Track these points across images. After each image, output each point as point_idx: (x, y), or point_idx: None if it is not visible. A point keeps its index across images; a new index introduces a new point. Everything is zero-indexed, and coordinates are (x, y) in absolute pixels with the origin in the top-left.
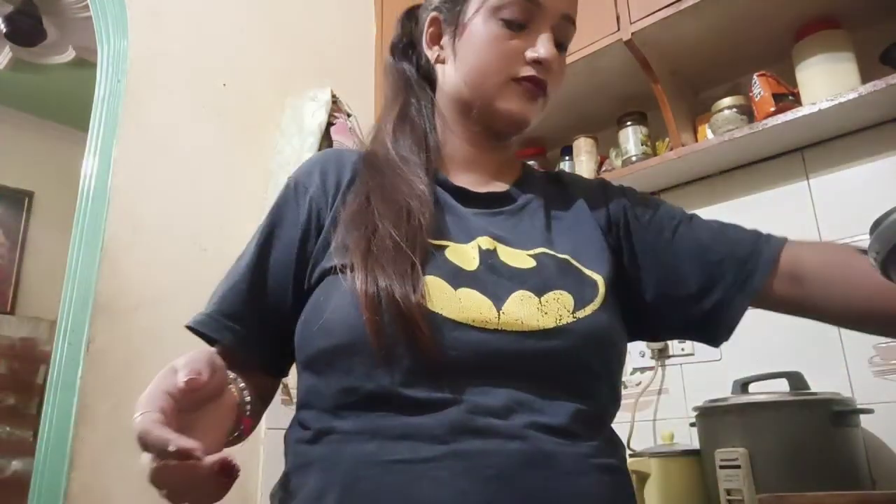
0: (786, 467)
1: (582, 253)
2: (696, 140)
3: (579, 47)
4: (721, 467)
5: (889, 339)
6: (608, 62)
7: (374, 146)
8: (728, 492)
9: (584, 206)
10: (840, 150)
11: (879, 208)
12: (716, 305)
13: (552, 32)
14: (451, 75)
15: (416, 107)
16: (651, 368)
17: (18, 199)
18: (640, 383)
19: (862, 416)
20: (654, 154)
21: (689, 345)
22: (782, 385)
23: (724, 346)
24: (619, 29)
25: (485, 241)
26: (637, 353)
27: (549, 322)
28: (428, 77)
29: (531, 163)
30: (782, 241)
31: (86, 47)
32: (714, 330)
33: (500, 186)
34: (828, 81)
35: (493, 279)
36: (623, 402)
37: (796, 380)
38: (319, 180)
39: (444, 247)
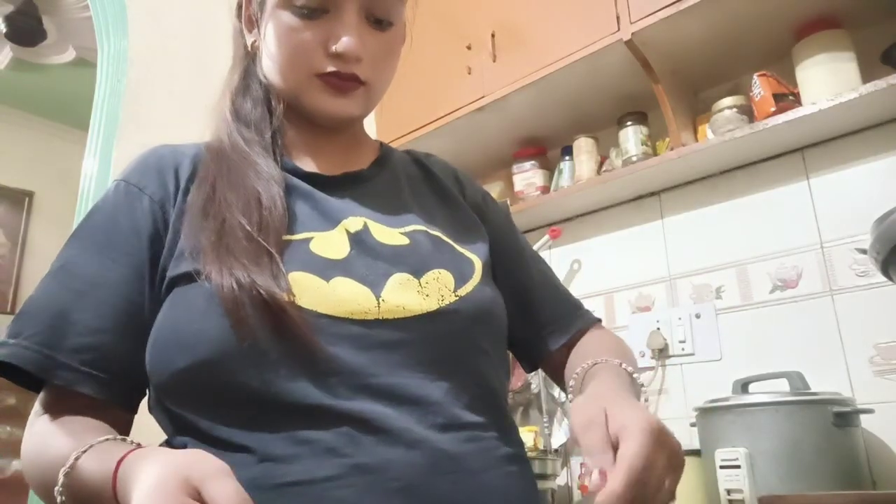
0: (786, 467)
1: (455, 232)
2: (697, 140)
3: (579, 47)
4: (721, 467)
5: (890, 339)
6: (608, 62)
7: (216, 129)
8: (728, 492)
9: (453, 190)
10: (840, 150)
11: (880, 208)
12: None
13: (361, 12)
14: (264, 63)
15: (257, 78)
16: (651, 368)
17: (19, 199)
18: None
19: (862, 416)
20: (655, 154)
21: (689, 344)
22: (782, 385)
23: (725, 346)
24: (619, 29)
25: (352, 223)
26: (637, 353)
27: (432, 304)
28: None
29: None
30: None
31: (86, 47)
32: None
33: (356, 168)
34: (828, 81)
35: (367, 262)
36: None
37: (796, 380)
38: (157, 178)
39: (308, 239)
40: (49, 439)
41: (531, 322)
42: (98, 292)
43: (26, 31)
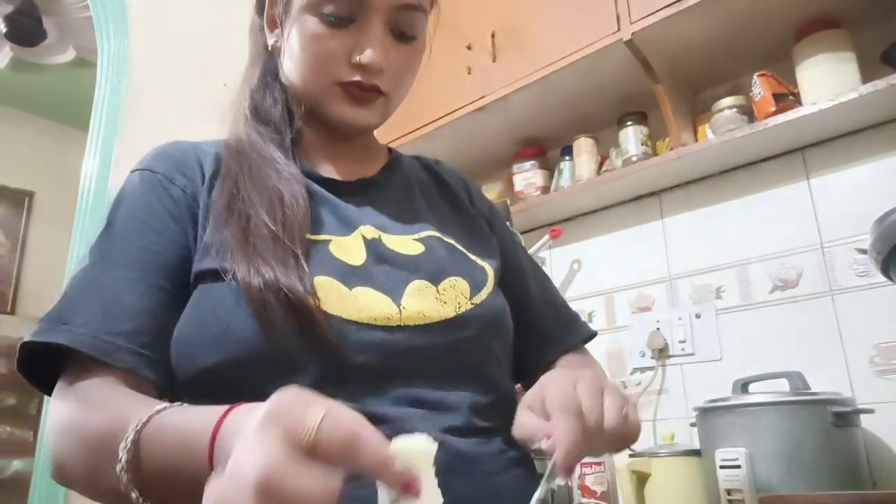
0: (786, 467)
1: (467, 240)
2: (697, 140)
3: (579, 47)
4: (721, 467)
5: (890, 339)
6: (608, 62)
7: (234, 127)
8: (728, 492)
9: (463, 198)
10: (840, 151)
11: (880, 208)
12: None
13: (387, 25)
14: (285, 66)
15: (276, 78)
16: (651, 368)
17: (19, 200)
18: (640, 383)
19: (862, 416)
20: (655, 154)
21: (689, 344)
22: (783, 385)
23: (725, 345)
24: (619, 29)
25: (368, 231)
26: (637, 353)
27: (449, 311)
28: None
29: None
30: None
31: (86, 47)
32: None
33: (368, 173)
34: (828, 81)
35: (385, 271)
36: None
37: (796, 380)
38: (184, 171)
39: (327, 241)
40: (101, 406)
41: (525, 339)
42: (144, 276)
43: (26, 31)
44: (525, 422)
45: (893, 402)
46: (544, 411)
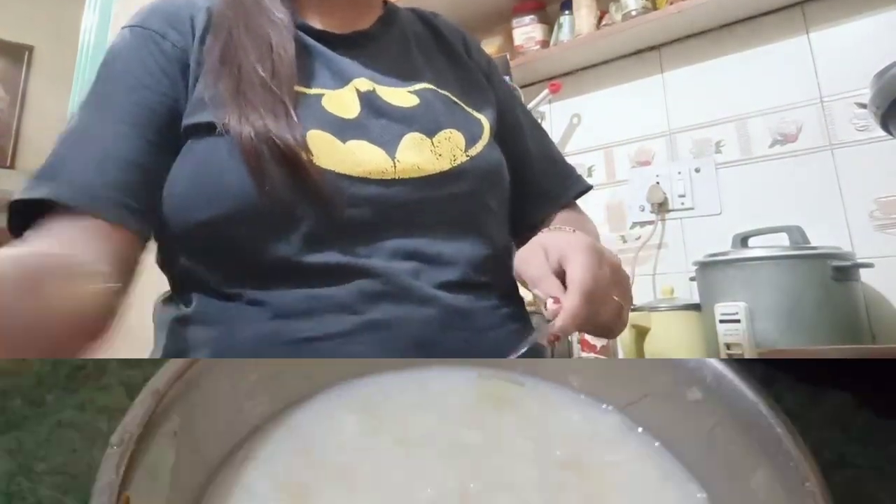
0: (785, 321)
1: (463, 93)
2: None
3: None
4: (721, 321)
5: (890, 193)
6: None
7: None
8: (728, 346)
9: (461, 51)
10: (840, 5)
11: (880, 63)
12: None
13: None
14: None
15: None
16: (650, 222)
17: (18, 54)
18: (639, 237)
19: (862, 271)
20: (655, 8)
21: (688, 199)
22: (782, 239)
23: (725, 200)
24: None
25: (361, 83)
26: (637, 207)
27: (444, 164)
28: None
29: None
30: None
31: None
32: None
33: (363, 25)
34: None
35: (380, 124)
36: (622, 256)
37: (796, 234)
38: (176, 26)
39: (320, 95)
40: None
41: (522, 195)
42: (134, 130)
43: None
44: (535, 267)
45: (893, 257)
46: (559, 265)
